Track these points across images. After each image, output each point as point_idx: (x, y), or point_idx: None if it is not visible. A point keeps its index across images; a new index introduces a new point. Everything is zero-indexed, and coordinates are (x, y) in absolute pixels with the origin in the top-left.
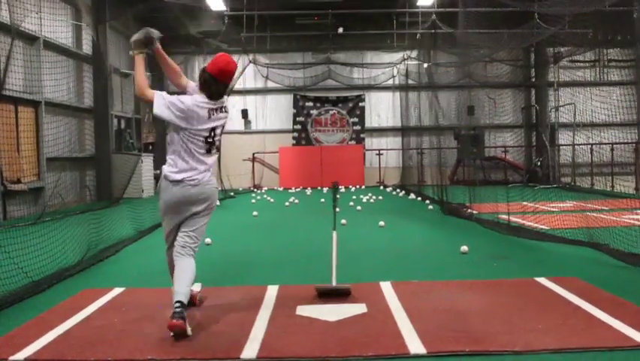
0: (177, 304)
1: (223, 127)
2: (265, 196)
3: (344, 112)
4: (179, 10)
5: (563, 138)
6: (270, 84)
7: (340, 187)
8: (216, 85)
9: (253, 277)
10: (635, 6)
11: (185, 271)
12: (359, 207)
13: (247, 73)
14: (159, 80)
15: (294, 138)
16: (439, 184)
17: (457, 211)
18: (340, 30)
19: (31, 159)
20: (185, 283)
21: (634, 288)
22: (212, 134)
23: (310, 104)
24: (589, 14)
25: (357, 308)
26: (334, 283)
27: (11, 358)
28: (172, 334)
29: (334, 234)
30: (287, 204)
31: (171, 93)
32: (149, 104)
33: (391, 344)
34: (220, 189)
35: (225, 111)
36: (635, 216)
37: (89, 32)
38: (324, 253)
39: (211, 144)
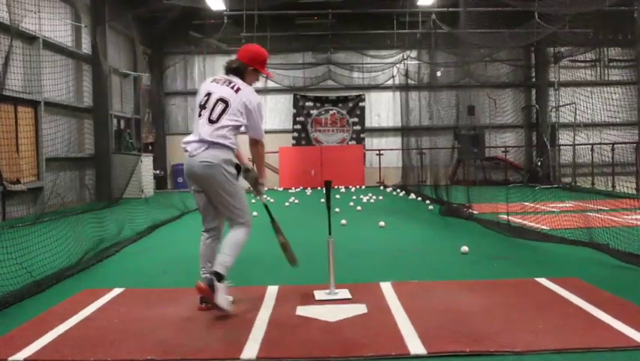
0: (210, 273)
1: (226, 103)
2: (265, 196)
3: (344, 112)
4: (179, 10)
5: (564, 137)
6: (270, 84)
7: (340, 187)
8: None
9: (253, 277)
10: (636, 6)
11: (224, 241)
12: (359, 208)
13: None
14: (158, 84)
15: (294, 138)
16: (439, 184)
17: (457, 211)
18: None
19: (31, 159)
20: (223, 251)
21: (635, 288)
22: (207, 98)
23: (310, 104)
24: (589, 14)
25: (357, 309)
26: (333, 290)
27: (11, 358)
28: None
29: (330, 241)
30: (287, 204)
31: (174, 92)
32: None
33: (391, 345)
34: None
35: (234, 90)
36: (637, 217)
37: (89, 32)
38: (324, 253)
39: (202, 108)
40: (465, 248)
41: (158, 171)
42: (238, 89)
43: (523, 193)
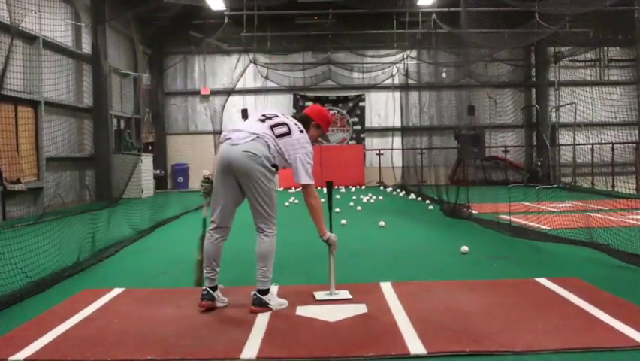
0: (254, 294)
1: (289, 130)
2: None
3: (344, 112)
4: (179, 9)
5: (564, 137)
6: (270, 84)
7: (340, 187)
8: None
9: (253, 277)
10: (636, 6)
11: (257, 253)
12: (359, 208)
13: (247, 73)
14: (158, 84)
15: None
16: (439, 184)
17: (457, 211)
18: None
19: (31, 159)
20: (258, 265)
21: (635, 288)
22: (272, 115)
23: (310, 103)
24: (589, 14)
25: (357, 309)
26: (333, 290)
27: (10, 358)
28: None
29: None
30: (287, 204)
31: (174, 92)
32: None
33: (392, 345)
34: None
35: (299, 129)
36: (636, 217)
37: (89, 32)
38: (324, 253)
39: (265, 117)
40: (465, 248)
41: (158, 171)
42: (303, 131)
43: (524, 193)
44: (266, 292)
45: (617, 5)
